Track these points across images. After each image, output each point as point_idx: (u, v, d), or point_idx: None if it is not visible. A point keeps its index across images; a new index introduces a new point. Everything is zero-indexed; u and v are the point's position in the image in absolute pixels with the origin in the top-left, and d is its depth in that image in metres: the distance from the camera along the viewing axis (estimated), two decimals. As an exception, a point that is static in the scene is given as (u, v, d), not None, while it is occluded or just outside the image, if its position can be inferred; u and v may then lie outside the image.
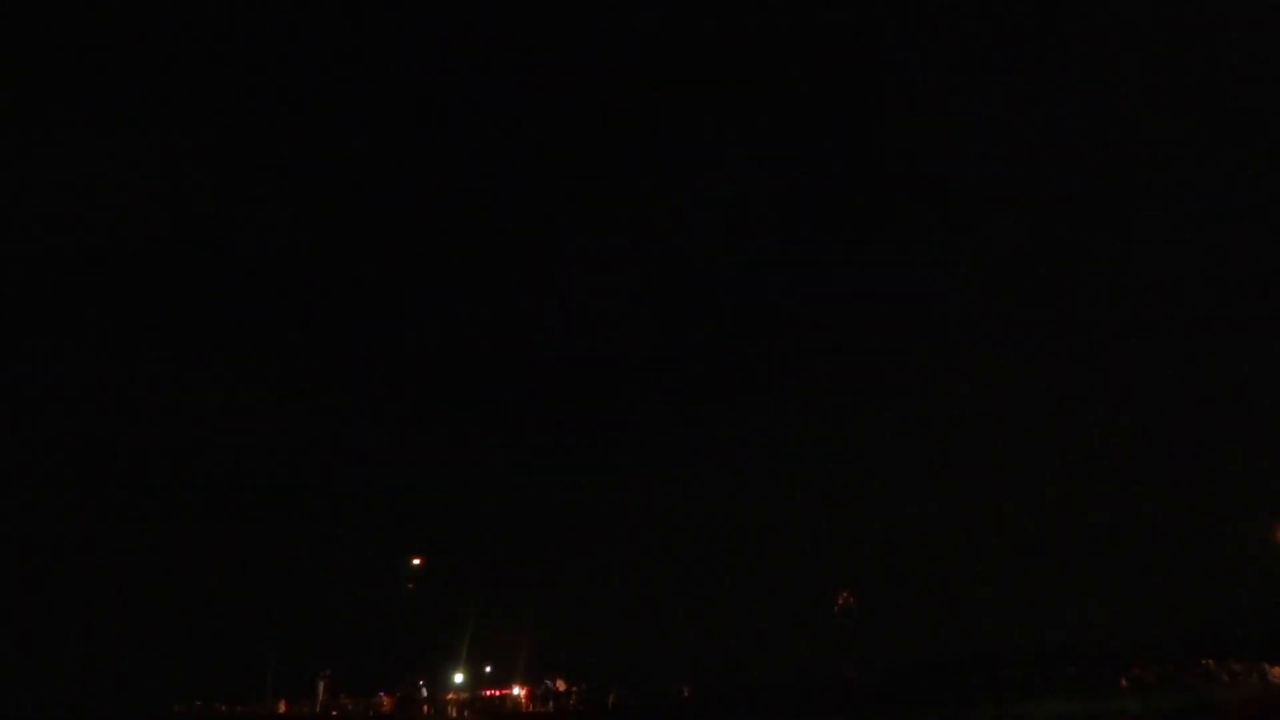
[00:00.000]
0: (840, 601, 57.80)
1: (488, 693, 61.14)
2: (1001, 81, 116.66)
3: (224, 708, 64.57)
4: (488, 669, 63.77)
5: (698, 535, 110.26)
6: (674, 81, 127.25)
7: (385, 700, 60.12)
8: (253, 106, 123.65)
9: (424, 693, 61.24)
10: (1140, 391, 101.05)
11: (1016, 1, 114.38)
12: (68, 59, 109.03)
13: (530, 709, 57.62)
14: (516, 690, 60.01)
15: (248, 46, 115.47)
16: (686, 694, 55.23)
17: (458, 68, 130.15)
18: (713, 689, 55.70)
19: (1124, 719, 44.23)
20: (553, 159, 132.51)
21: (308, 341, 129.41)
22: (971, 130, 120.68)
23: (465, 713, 57.74)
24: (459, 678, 62.99)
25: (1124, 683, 48.09)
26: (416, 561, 65.99)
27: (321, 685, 60.55)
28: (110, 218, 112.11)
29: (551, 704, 57.16)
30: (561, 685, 59.13)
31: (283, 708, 61.11)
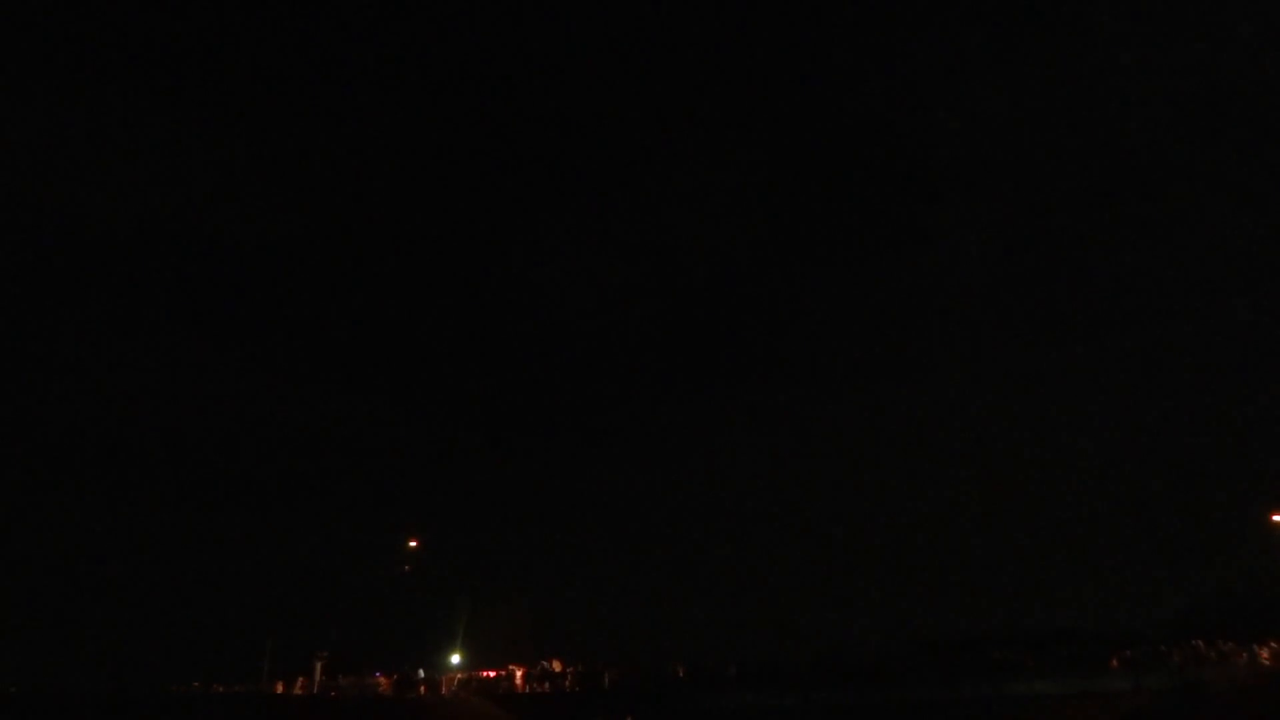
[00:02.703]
0: None
1: (485, 674, 61.49)
2: (1000, 79, 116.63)
3: (221, 688, 64.84)
4: (484, 650, 64.20)
5: (694, 519, 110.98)
6: (673, 78, 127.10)
7: (383, 681, 60.35)
8: (248, 96, 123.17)
9: (421, 673, 61.55)
10: (1136, 380, 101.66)
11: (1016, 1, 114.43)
12: (70, 51, 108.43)
13: (527, 689, 57.91)
14: (513, 670, 60.37)
15: (247, 39, 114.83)
16: (681, 673, 55.57)
17: (457, 59, 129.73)
18: (707, 668, 56.13)
19: (1114, 699, 44.59)
20: (552, 150, 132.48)
21: (306, 328, 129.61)
22: (971, 125, 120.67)
23: (462, 693, 58.01)
24: (456, 658, 63.37)
25: (1114, 663, 48.30)
26: (413, 544, 66.17)
27: (319, 666, 60.73)
28: (108, 206, 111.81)
29: (548, 684, 57.49)
30: (558, 666, 59.47)
31: (280, 688, 61.33)
